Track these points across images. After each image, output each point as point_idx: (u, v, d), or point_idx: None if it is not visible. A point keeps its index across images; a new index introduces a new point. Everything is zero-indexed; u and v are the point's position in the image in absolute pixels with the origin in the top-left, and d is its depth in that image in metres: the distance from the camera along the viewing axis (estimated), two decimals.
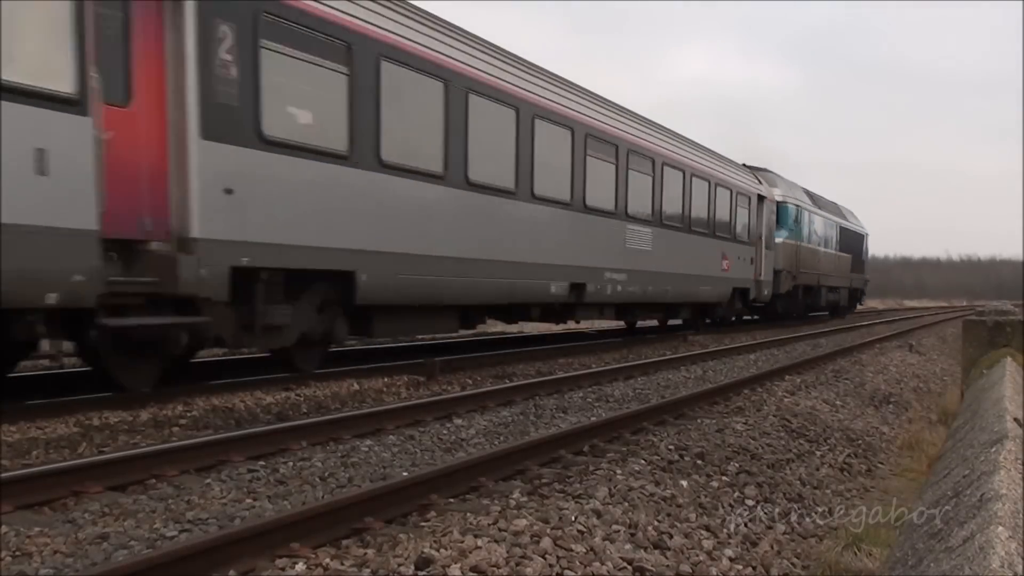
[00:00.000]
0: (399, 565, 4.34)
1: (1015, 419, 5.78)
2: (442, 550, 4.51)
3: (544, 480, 6.30)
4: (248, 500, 5.83)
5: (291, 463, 6.92)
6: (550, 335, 23.79)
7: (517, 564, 4.44)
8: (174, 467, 6.47)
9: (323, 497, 5.86)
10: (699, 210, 22.75)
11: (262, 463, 6.89)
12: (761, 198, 27.91)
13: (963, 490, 4.17)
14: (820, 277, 34.78)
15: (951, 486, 4.66)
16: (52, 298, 7.72)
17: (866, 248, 46.56)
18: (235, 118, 9.42)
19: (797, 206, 31.88)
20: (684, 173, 21.80)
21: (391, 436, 8.14)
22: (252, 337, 10.26)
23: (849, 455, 8.70)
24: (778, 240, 29.51)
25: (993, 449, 4.74)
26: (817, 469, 7.92)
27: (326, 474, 6.59)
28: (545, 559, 4.55)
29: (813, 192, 36.09)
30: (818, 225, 34.83)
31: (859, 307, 46.84)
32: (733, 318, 27.99)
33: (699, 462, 7.04)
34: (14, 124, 7.28)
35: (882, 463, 8.85)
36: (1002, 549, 2.70)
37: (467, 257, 13.37)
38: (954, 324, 31.84)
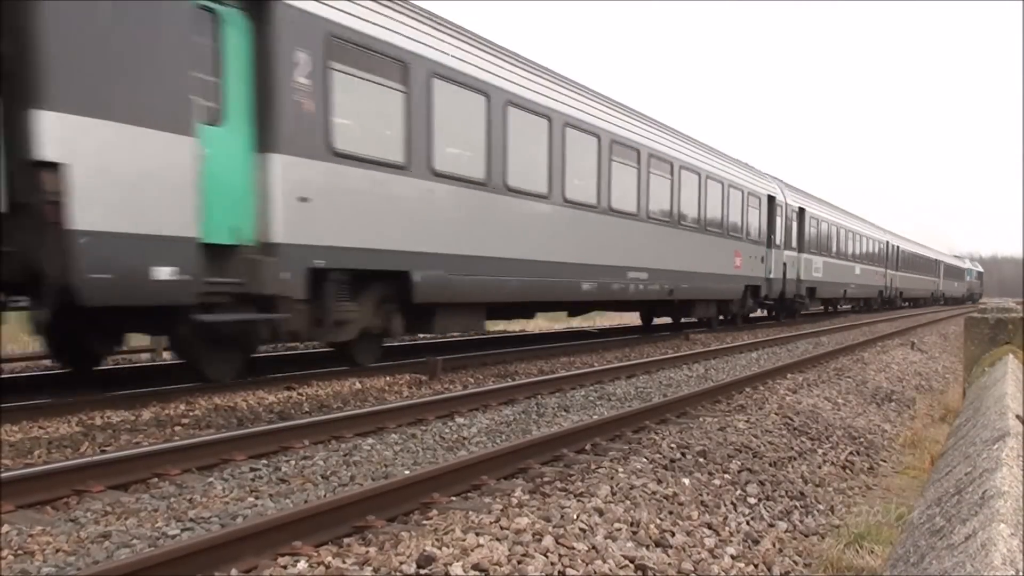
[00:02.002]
0: (401, 563, 4.34)
1: (1017, 416, 5.77)
2: (444, 548, 4.51)
3: (546, 478, 6.30)
4: (250, 499, 5.84)
5: (293, 462, 6.92)
6: (551, 334, 23.79)
7: (519, 562, 4.44)
8: (176, 466, 6.49)
9: (325, 495, 5.86)
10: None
11: (264, 462, 6.90)
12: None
13: (965, 487, 4.16)
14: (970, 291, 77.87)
15: (953, 483, 4.66)
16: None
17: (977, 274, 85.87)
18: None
19: (975, 269, 73.34)
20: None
21: (393, 435, 8.15)
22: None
23: (851, 453, 8.70)
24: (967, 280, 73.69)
25: (995, 446, 4.73)
26: (819, 467, 7.91)
27: (328, 472, 6.59)
28: (547, 557, 4.55)
29: (971, 258, 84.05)
30: (974, 276, 76.40)
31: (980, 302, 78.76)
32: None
33: (701, 460, 7.03)
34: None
35: (884, 461, 8.85)
36: (1004, 546, 2.70)
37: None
38: (956, 322, 31.82)
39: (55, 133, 7.62)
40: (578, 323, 29.70)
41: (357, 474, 6.56)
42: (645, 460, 6.78)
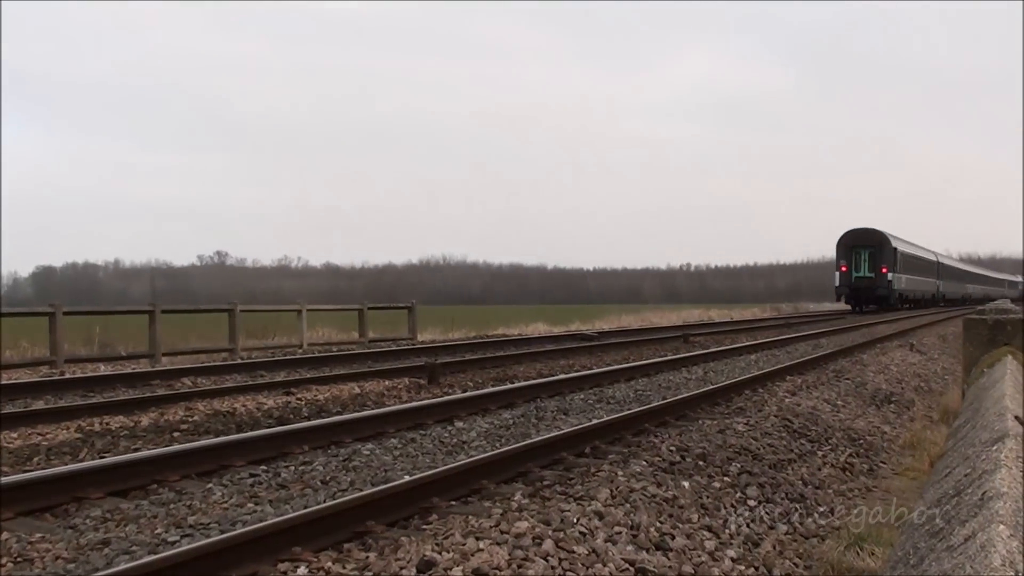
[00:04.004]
0: (401, 568, 4.34)
1: (1016, 417, 5.78)
2: (444, 553, 4.51)
3: (546, 482, 6.30)
4: (250, 504, 5.83)
5: (292, 467, 6.92)
6: (549, 337, 23.80)
7: (519, 566, 4.44)
8: (175, 472, 6.47)
9: (325, 501, 5.86)
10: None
11: (263, 467, 6.89)
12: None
13: (964, 489, 4.16)
14: None
15: (952, 485, 4.66)
16: None
17: None
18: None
19: (1021, 280, 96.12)
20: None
21: (392, 439, 8.14)
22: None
23: (851, 455, 8.70)
24: None
25: (994, 447, 4.74)
26: (819, 469, 7.91)
27: (327, 478, 6.59)
28: (547, 561, 4.55)
29: None
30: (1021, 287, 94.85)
31: None
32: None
33: (701, 463, 7.03)
34: None
35: (884, 463, 8.85)
36: (1003, 547, 2.70)
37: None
38: (955, 323, 31.84)
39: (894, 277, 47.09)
40: (576, 326, 29.69)
41: (357, 479, 6.56)
42: (645, 463, 6.78)
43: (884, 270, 45.31)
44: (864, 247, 45.69)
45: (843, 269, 45.94)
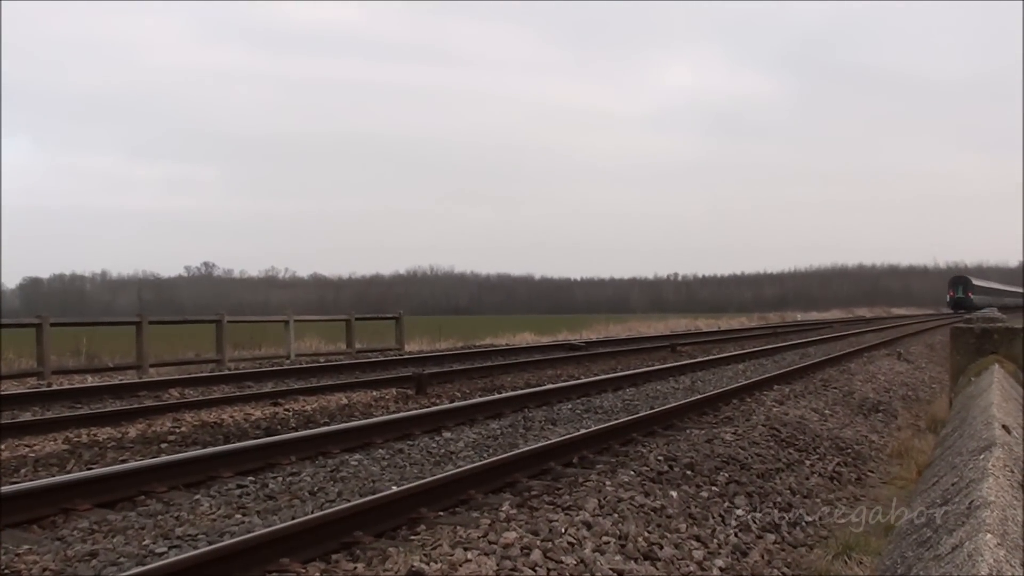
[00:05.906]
0: None
1: (1003, 426, 5.80)
2: (432, 563, 4.50)
3: (534, 492, 6.30)
4: (238, 515, 5.81)
5: (280, 478, 6.90)
6: (536, 347, 23.80)
7: None
8: (163, 483, 6.45)
9: (312, 512, 5.84)
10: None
11: (251, 478, 6.87)
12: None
13: (952, 498, 4.18)
14: None
15: (940, 494, 4.68)
16: None
17: None
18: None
19: None
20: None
21: (380, 450, 8.13)
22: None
23: (839, 464, 8.72)
24: None
25: (981, 456, 4.75)
26: (807, 478, 7.92)
27: (315, 488, 6.57)
28: (535, 571, 4.55)
29: None
30: None
31: None
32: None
33: (689, 472, 7.04)
34: None
35: (872, 471, 8.87)
36: (990, 556, 2.71)
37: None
38: (942, 332, 31.97)
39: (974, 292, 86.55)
40: (564, 336, 29.72)
41: (344, 490, 6.55)
42: (633, 473, 6.78)
43: (970, 295, 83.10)
44: (960, 284, 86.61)
45: (951, 294, 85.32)
